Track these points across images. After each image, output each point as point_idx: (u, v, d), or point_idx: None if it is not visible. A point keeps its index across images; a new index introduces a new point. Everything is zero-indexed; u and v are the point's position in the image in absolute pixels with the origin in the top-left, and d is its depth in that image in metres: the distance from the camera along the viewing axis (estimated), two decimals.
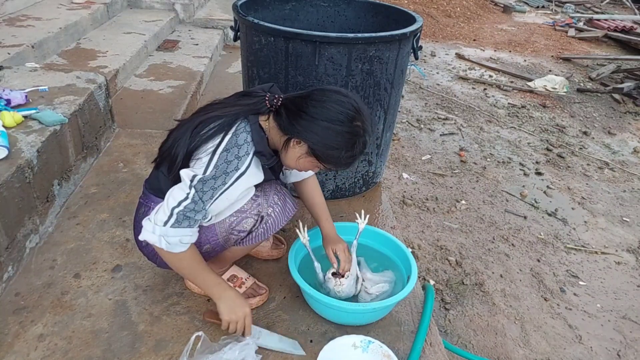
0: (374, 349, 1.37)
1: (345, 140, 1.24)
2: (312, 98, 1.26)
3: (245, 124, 1.26)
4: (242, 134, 1.24)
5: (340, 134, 1.23)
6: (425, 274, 2.58)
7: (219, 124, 1.25)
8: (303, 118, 1.23)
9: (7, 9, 3.32)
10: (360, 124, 1.25)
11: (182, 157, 1.25)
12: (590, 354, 2.23)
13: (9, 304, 1.49)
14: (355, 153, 1.27)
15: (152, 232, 1.23)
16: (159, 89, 3.25)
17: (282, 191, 1.47)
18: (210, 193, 1.22)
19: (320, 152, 1.25)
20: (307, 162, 1.30)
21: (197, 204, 1.22)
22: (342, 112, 1.23)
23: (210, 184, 1.21)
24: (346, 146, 1.24)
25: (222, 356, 1.27)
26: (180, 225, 1.22)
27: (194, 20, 4.80)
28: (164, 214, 1.22)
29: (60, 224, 1.85)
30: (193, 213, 1.22)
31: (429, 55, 6.40)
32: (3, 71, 2.25)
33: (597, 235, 3.11)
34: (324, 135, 1.23)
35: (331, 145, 1.24)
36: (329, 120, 1.22)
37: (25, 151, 1.66)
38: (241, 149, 1.23)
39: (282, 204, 1.44)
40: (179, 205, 1.21)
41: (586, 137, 4.56)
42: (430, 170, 3.64)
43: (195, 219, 1.23)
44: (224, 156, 1.22)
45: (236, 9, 1.98)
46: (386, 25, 2.21)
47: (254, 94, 1.33)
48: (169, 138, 1.32)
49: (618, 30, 7.91)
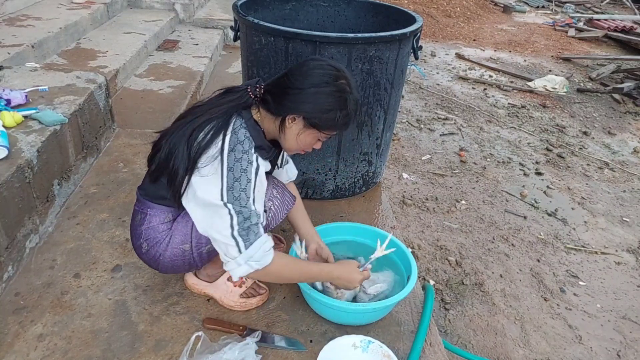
0: (374, 349, 1.37)
1: (336, 100, 1.25)
2: (291, 73, 1.28)
3: (240, 121, 1.26)
4: (240, 130, 1.24)
5: (330, 94, 1.25)
6: (425, 274, 2.58)
7: (213, 127, 1.24)
8: (290, 93, 1.25)
9: (7, 9, 3.32)
10: (344, 81, 1.27)
11: (183, 170, 1.24)
12: (590, 354, 2.23)
13: (9, 303, 1.49)
14: (350, 111, 1.28)
15: (239, 267, 1.23)
16: (159, 89, 3.25)
17: (279, 184, 1.48)
18: (244, 195, 1.21)
19: (316, 119, 1.26)
20: (308, 136, 1.30)
21: (244, 212, 1.21)
22: (325, 73, 1.25)
23: (238, 188, 1.21)
24: (339, 105, 1.26)
25: (222, 356, 1.27)
26: (250, 240, 1.22)
27: (194, 20, 4.80)
28: (230, 246, 1.21)
29: (60, 223, 1.85)
30: (249, 222, 1.22)
31: (429, 55, 6.40)
32: (3, 71, 2.25)
33: (597, 235, 3.11)
34: (314, 100, 1.24)
35: (325, 108, 1.25)
36: (315, 85, 1.24)
37: (25, 151, 1.66)
38: (244, 144, 1.23)
39: (280, 197, 1.44)
40: (232, 229, 1.21)
41: (586, 137, 4.56)
42: (430, 170, 3.64)
43: (255, 224, 1.23)
44: (232, 157, 1.21)
45: (236, 9, 1.98)
46: (386, 25, 2.21)
47: (235, 89, 1.33)
48: (161, 150, 1.29)
49: (618, 30, 7.91)
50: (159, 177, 1.32)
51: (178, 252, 1.37)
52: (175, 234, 1.36)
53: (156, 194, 1.35)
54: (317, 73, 1.25)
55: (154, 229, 1.36)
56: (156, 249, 1.37)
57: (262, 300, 1.57)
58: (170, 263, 1.39)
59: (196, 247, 1.36)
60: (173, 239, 1.36)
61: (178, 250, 1.37)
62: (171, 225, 1.37)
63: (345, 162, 2.12)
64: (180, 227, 1.36)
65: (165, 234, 1.36)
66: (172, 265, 1.40)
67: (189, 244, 1.36)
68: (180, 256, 1.38)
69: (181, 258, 1.38)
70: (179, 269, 1.44)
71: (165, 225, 1.37)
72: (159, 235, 1.36)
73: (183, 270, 1.46)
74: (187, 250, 1.37)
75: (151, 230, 1.37)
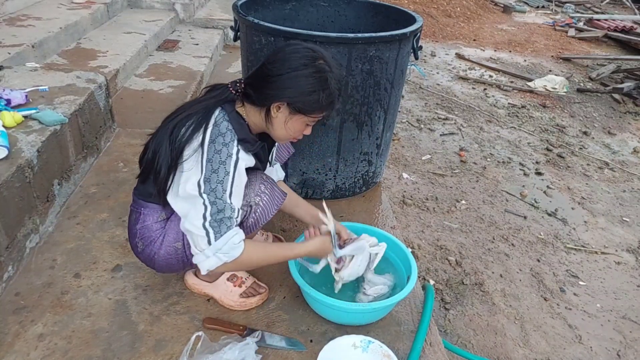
0: (374, 349, 1.37)
1: (317, 81, 1.25)
2: (269, 61, 1.28)
3: (223, 114, 1.26)
4: (222, 122, 1.24)
5: (310, 76, 1.24)
6: (425, 274, 2.58)
7: (194, 121, 1.25)
8: (270, 82, 1.25)
9: (7, 9, 3.32)
10: (322, 61, 1.26)
11: (166, 166, 1.24)
12: (590, 354, 2.23)
13: (9, 303, 1.49)
14: (332, 90, 1.27)
15: (206, 259, 1.24)
16: (159, 88, 3.25)
17: (268, 180, 1.42)
18: (220, 188, 1.21)
19: (300, 103, 1.26)
20: (295, 122, 1.30)
21: (217, 204, 1.21)
22: (302, 57, 1.25)
23: (215, 179, 1.20)
24: (321, 85, 1.25)
25: (222, 356, 1.27)
26: (221, 233, 1.21)
27: (194, 20, 4.80)
28: (200, 237, 1.22)
29: (60, 223, 1.85)
30: (222, 214, 1.21)
31: (429, 55, 6.40)
32: (3, 71, 2.25)
33: (597, 235, 3.11)
34: (295, 84, 1.24)
35: (307, 91, 1.24)
36: (293, 69, 1.24)
37: (26, 151, 1.66)
38: (225, 136, 1.23)
39: (269, 192, 1.39)
40: (205, 219, 1.21)
41: (586, 137, 4.56)
42: (430, 170, 3.64)
43: (228, 217, 1.22)
44: (212, 148, 1.21)
45: (236, 9, 1.98)
46: (386, 25, 2.21)
47: (218, 86, 1.34)
48: (148, 150, 1.30)
49: (618, 30, 7.90)
50: (147, 177, 1.33)
51: (171, 250, 1.37)
52: (169, 233, 1.37)
53: (147, 193, 1.35)
54: (294, 57, 1.25)
55: (148, 228, 1.37)
56: (151, 247, 1.38)
57: (262, 300, 1.57)
58: (165, 262, 1.39)
59: (188, 245, 1.35)
60: (166, 238, 1.37)
61: (171, 249, 1.37)
62: (165, 224, 1.38)
63: (345, 162, 2.12)
64: (173, 225, 1.36)
65: (159, 233, 1.37)
66: (167, 264, 1.40)
67: (181, 242, 1.36)
68: (174, 254, 1.38)
69: (175, 256, 1.38)
70: (175, 268, 1.44)
71: (159, 224, 1.38)
72: (153, 234, 1.37)
73: (178, 269, 1.46)
74: (180, 249, 1.37)
75: (145, 229, 1.37)
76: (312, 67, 1.24)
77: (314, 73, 1.24)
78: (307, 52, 1.26)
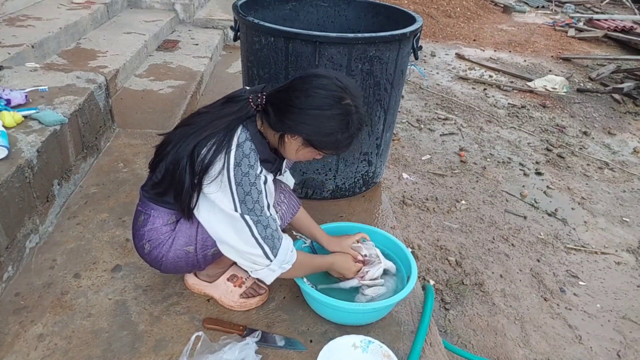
0: (374, 349, 1.37)
1: (338, 123, 1.21)
2: (294, 89, 1.23)
3: (245, 134, 1.23)
4: (245, 143, 1.22)
5: (332, 118, 1.20)
6: (425, 274, 2.58)
7: (215, 141, 1.21)
8: (291, 112, 1.21)
9: (7, 9, 3.32)
10: (349, 101, 1.21)
11: (189, 184, 1.23)
12: (590, 354, 2.23)
13: (9, 303, 1.49)
14: (352, 132, 1.24)
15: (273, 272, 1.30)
16: (159, 89, 3.25)
17: (285, 189, 1.50)
18: (258, 206, 1.22)
19: (316, 141, 1.23)
20: (307, 152, 1.29)
21: (262, 221, 1.23)
22: (328, 95, 1.20)
23: (250, 201, 1.21)
24: (341, 128, 1.22)
25: (222, 356, 1.27)
26: (276, 247, 1.26)
27: (194, 20, 4.80)
28: (257, 255, 1.25)
29: (60, 223, 1.85)
30: (269, 229, 1.24)
31: (429, 55, 6.40)
32: (3, 71, 2.25)
33: (597, 236, 3.11)
34: (315, 124, 1.20)
35: (326, 132, 1.22)
36: (317, 108, 1.19)
37: (25, 151, 1.66)
38: (250, 157, 1.22)
39: (287, 201, 1.47)
40: (256, 238, 1.23)
41: (586, 137, 4.56)
42: (430, 170, 3.64)
43: (275, 230, 1.26)
44: (238, 172, 1.20)
45: (236, 9, 1.98)
46: (386, 26, 2.21)
47: (236, 98, 1.30)
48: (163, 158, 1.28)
49: (618, 30, 7.90)
50: (166, 190, 1.30)
51: (181, 253, 1.36)
52: (179, 236, 1.35)
53: (162, 199, 1.34)
54: (320, 94, 1.19)
55: (157, 231, 1.36)
56: (159, 250, 1.37)
57: (262, 301, 1.57)
58: (172, 264, 1.39)
59: (201, 250, 1.36)
60: (176, 241, 1.35)
61: (181, 252, 1.36)
62: (174, 227, 1.37)
63: (345, 162, 2.12)
64: (185, 228, 1.35)
65: (168, 236, 1.36)
66: (174, 266, 1.40)
67: (193, 246, 1.36)
68: (183, 258, 1.37)
69: (184, 259, 1.38)
70: (182, 270, 1.44)
71: (168, 227, 1.36)
72: (162, 236, 1.36)
73: (186, 271, 1.46)
74: (191, 252, 1.36)
75: (154, 232, 1.36)
76: (337, 108, 1.20)
77: (337, 115, 1.20)
78: (334, 90, 1.20)
